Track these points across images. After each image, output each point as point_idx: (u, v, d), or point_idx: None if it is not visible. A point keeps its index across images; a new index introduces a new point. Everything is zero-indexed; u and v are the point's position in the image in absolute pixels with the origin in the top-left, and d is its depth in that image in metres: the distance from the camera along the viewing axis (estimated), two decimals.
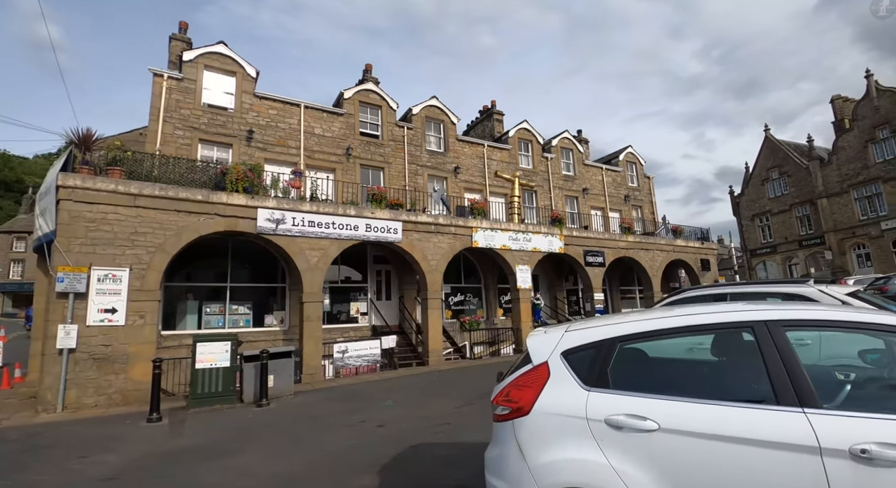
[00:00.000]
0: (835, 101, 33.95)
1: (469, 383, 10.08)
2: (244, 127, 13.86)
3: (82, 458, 5.78)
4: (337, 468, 4.99)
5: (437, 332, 13.62)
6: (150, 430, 7.22)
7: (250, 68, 14.12)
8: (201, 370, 8.82)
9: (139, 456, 5.80)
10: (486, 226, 14.87)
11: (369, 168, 15.97)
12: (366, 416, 7.41)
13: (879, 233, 28.95)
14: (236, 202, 10.98)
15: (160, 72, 12.82)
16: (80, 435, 6.95)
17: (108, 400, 9.25)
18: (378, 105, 16.47)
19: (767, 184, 36.80)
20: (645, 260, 18.81)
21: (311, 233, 11.88)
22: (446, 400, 8.30)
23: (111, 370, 9.36)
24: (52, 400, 8.79)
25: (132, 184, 9.96)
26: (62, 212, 9.32)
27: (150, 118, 12.48)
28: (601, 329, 2.82)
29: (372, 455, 5.34)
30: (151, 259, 10.02)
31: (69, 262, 9.18)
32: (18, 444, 6.53)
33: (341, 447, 5.79)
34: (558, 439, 2.56)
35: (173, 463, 5.41)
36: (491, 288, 17.46)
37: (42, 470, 5.31)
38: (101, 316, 9.41)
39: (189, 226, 10.50)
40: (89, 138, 10.08)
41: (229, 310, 12.97)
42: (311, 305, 11.78)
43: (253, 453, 5.68)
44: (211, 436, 6.64)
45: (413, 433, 6.20)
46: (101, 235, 9.61)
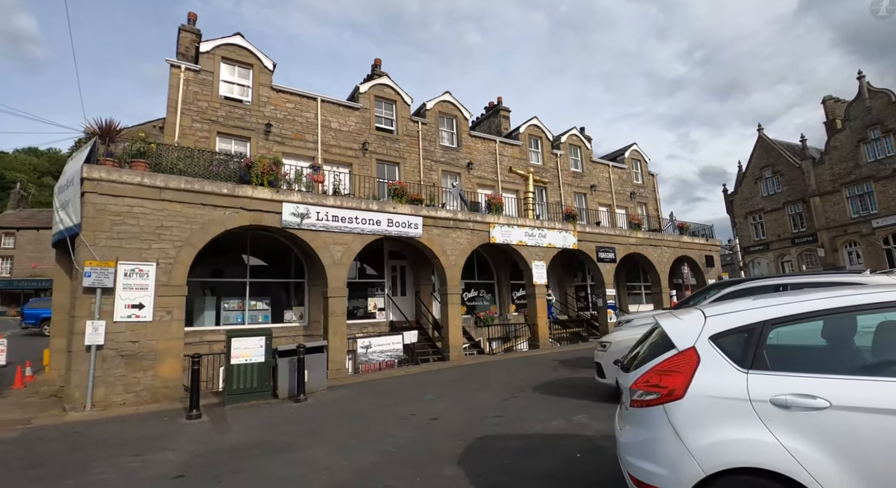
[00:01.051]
0: (826, 102, 34.72)
1: (499, 377, 10.08)
2: (262, 120, 13.64)
3: (138, 456, 5.64)
4: (413, 459, 4.95)
5: (458, 328, 13.60)
6: (194, 427, 7.08)
7: (267, 60, 13.89)
8: (236, 365, 8.68)
9: (198, 452, 5.68)
10: (502, 221, 14.88)
11: (385, 163, 15.86)
12: (412, 410, 7.36)
13: (870, 230, 29.75)
14: (262, 196, 10.82)
15: (177, 63, 12.54)
16: (123, 434, 6.78)
17: (137, 398, 9.05)
18: (393, 100, 16.35)
19: (761, 183, 37.53)
20: (653, 256, 19.05)
21: (334, 227, 11.76)
22: (485, 394, 8.29)
23: (139, 367, 9.16)
24: (80, 399, 8.57)
25: (158, 177, 9.74)
26: (87, 206, 9.07)
27: (167, 110, 12.20)
28: (750, 312, 2.86)
29: (440, 446, 5.32)
30: (178, 253, 9.82)
31: (96, 257, 8.94)
32: (62, 443, 6.35)
33: (404, 439, 5.75)
34: (719, 421, 2.60)
35: (239, 459, 5.31)
36: (504, 284, 17.50)
37: (103, 470, 5.16)
38: (129, 311, 9.20)
39: (215, 220, 10.31)
40: (112, 129, 9.82)
41: (248, 305, 12.78)
42: (335, 300, 11.67)
43: (317, 447, 5.61)
44: (263, 432, 6.54)
45: (470, 425, 6.19)
46: (127, 229, 9.38)
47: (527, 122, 19.97)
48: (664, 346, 3.00)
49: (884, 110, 29.28)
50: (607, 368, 6.92)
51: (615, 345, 6.88)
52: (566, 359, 12.00)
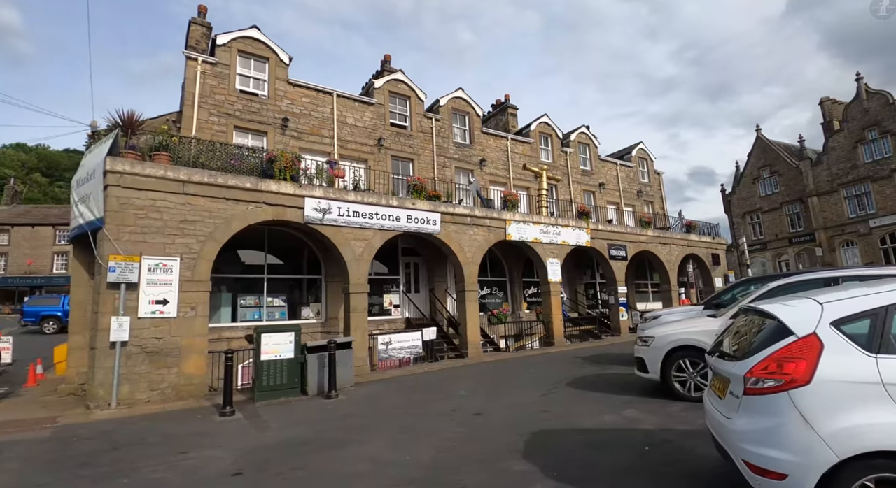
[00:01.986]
0: (823, 103, 35.18)
1: (526, 374, 10.03)
2: (278, 114, 13.46)
3: (184, 454, 5.50)
4: (475, 454, 4.87)
5: (475, 325, 13.55)
6: (231, 424, 6.94)
7: (283, 54, 13.71)
8: (266, 362, 8.54)
9: (247, 449, 5.55)
10: (518, 218, 14.85)
11: (399, 159, 15.75)
12: (450, 406, 7.28)
13: (868, 230, 30.20)
14: (284, 190, 10.66)
15: (194, 55, 12.32)
16: (160, 432, 6.62)
17: (161, 396, 8.86)
18: (407, 95, 16.24)
19: (758, 183, 37.95)
20: (663, 254, 19.15)
21: (355, 223, 11.63)
22: (520, 391, 8.23)
23: (163, 364, 8.97)
24: (105, 397, 8.37)
25: (181, 171, 9.55)
26: (110, 199, 8.86)
27: (184, 103, 11.98)
28: (871, 298, 2.85)
29: (497, 441, 5.25)
30: (202, 248, 9.64)
31: (119, 251, 8.74)
32: (101, 442, 6.18)
33: (456, 435, 5.67)
34: (851, 406, 2.61)
35: (294, 456, 5.19)
36: (516, 281, 17.48)
37: (154, 468, 5.02)
38: (153, 307, 9.01)
39: (237, 215, 10.14)
40: (135, 121, 9.62)
41: (265, 302, 12.60)
42: (357, 297, 11.55)
43: (370, 443, 5.50)
44: (307, 429, 6.42)
45: (519, 421, 6.12)
46: (151, 223, 9.18)
47: (537, 119, 19.97)
48: (777, 334, 2.97)
49: (881, 111, 29.74)
50: (650, 363, 6.89)
51: (659, 340, 6.85)
52: (588, 356, 11.99)
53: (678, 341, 6.67)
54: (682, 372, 6.65)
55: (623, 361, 10.85)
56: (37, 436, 6.62)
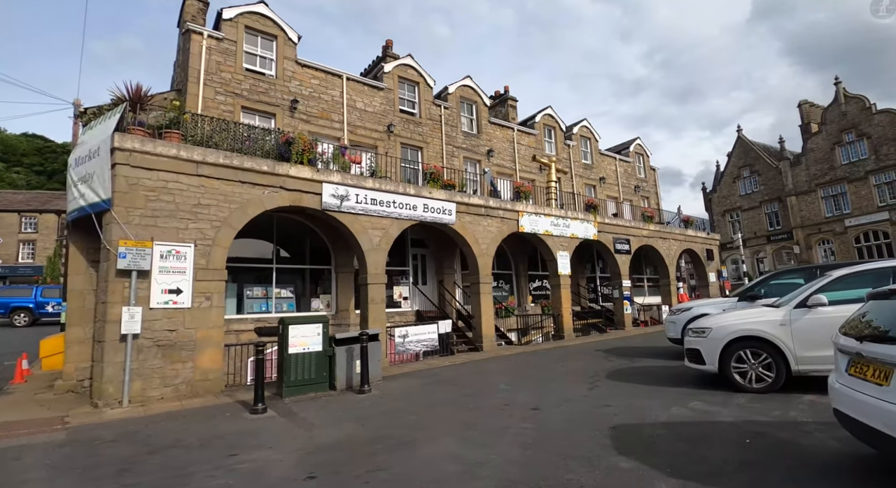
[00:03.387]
0: (802, 106, 36.38)
1: (555, 367, 9.82)
2: (287, 96, 12.73)
3: (234, 457, 4.99)
4: (566, 451, 4.55)
5: (490, 318, 13.26)
6: (269, 423, 6.42)
7: (292, 32, 12.97)
8: (294, 355, 8.01)
9: (303, 451, 5.09)
10: (531, 210, 14.62)
11: (408, 147, 15.24)
12: (499, 400, 6.96)
13: (843, 229, 31.46)
14: (302, 175, 10.06)
15: (199, 29, 11.48)
16: (194, 432, 6.05)
17: (175, 392, 8.21)
18: (416, 81, 15.71)
19: (739, 182, 39.04)
20: (662, 248, 19.32)
21: (373, 211, 11.13)
22: (560, 384, 7.98)
23: (177, 358, 8.32)
24: (115, 394, 7.68)
25: (195, 151, 8.84)
26: (119, 179, 8.11)
27: (188, 80, 11.14)
28: None
29: (579, 437, 4.96)
30: (217, 234, 8.98)
31: (130, 236, 8.02)
32: (131, 445, 5.57)
33: (526, 431, 5.34)
34: None
35: (365, 456, 4.76)
36: (522, 274, 17.28)
37: (210, 473, 4.51)
38: (166, 297, 8.32)
39: (253, 200, 9.51)
40: (142, 95, 8.84)
41: (273, 293, 11.96)
42: (375, 287, 11.06)
43: (439, 441, 5.12)
44: (357, 426, 5.97)
45: (584, 415, 5.85)
46: (163, 206, 8.47)
47: (541, 111, 19.77)
48: None
49: (858, 115, 30.94)
50: (707, 354, 6.75)
51: (717, 331, 6.71)
52: (607, 349, 11.88)
53: (740, 332, 6.53)
54: (742, 364, 6.52)
55: (647, 353, 10.79)
56: (51, 439, 5.94)
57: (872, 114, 30.23)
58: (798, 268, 9.66)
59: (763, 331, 6.39)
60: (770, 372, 6.35)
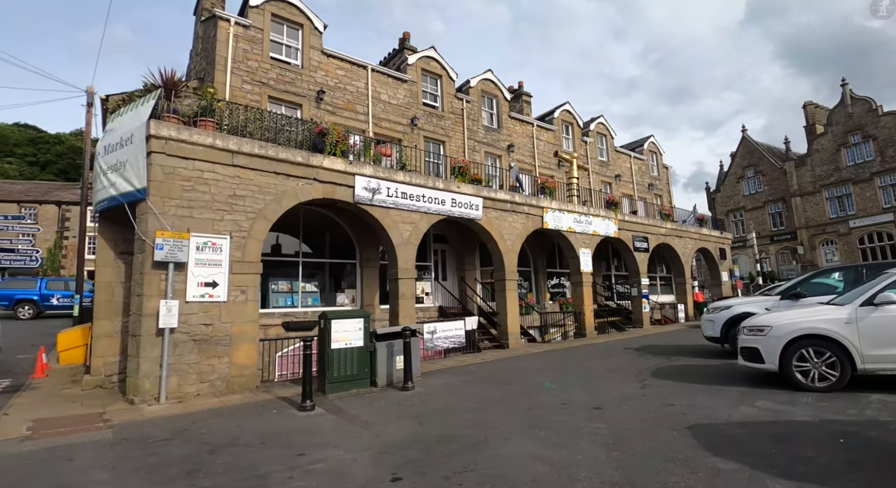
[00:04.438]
0: (807, 107, 36.55)
1: (592, 366, 9.68)
2: (313, 86, 12.45)
3: (302, 456, 4.80)
4: (653, 452, 4.39)
5: (515, 315, 13.12)
6: (320, 420, 6.23)
7: (318, 21, 12.68)
8: (336, 350, 7.81)
9: (374, 449, 4.89)
10: (555, 206, 14.47)
11: (431, 140, 15.02)
12: (555, 399, 6.79)
13: (847, 230, 31.69)
14: (335, 167, 9.83)
15: (226, 16, 11.16)
16: (248, 430, 5.84)
17: (211, 388, 7.99)
18: (438, 74, 15.48)
19: (743, 182, 39.21)
20: (678, 246, 19.28)
21: (403, 205, 10.92)
22: (610, 382, 7.82)
23: (213, 353, 8.09)
24: (151, 390, 7.45)
25: (231, 140, 8.58)
26: (154, 168, 7.84)
27: (216, 68, 10.84)
28: None
29: (657, 437, 4.79)
30: (252, 226, 8.74)
31: (166, 227, 7.76)
32: (186, 444, 5.35)
33: (600, 430, 5.17)
34: None
35: (441, 456, 4.57)
36: (540, 271, 17.14)
37: (287, 475, 4.30)
38: (202, 290, 8.08)
39: (288, 191, 9.27)
40: (177, 82, 8.56)
41: (299, 287, 11.72)
42: (405, 282, 10.88)
43: (513, 440, 4.94)
44: (417, 424, 5.78)
45: (652, 414, 5.70)
46: (198, 197, 8.22)
47: (559, 107, 19.62)
48: None
49: (864, 117, 31.12)
50: (768, 353, 6.63)
51: (778, 330, 6.59)
52: (639, 347, 11.78)
53: (802, 330, 6.42)
54: (804, 362, 6.41)
55: (681, 352, 10.67)
56: (98, 437, 5.70)
57: (879, 116, 30.41)
58: (837, 267, 9.59)
59: (827, 330, 6.28)
60: (833, 371, 6.25)
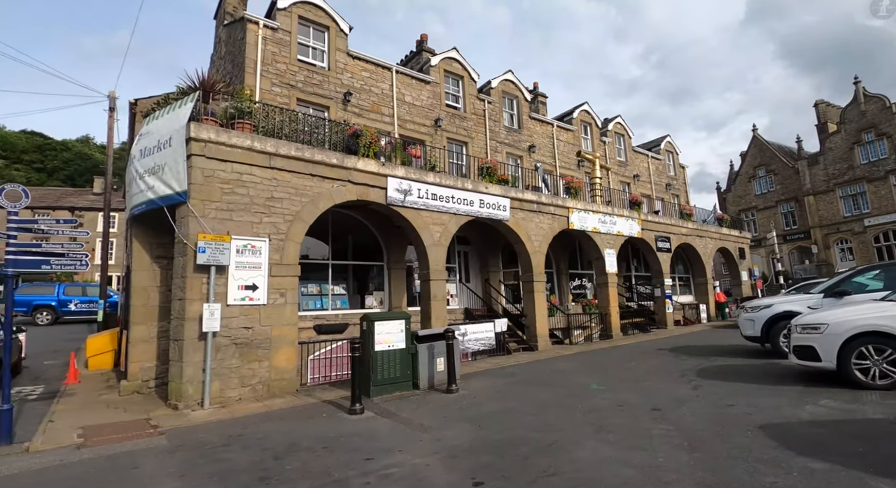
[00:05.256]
0: (818, 106, 36.35)
1: (631, 367, 9.55)
2: (339, 88, 12.43)
3: (370, 460, 4.72)
4: (734, 453, 4.27)
5: (544, 316, 13.02)
6: (375, 423, 6.14)
7: (343, 23, 12.66)
8: (380, 352, 7.72)
9: (441, 453, 4.80)
10: (580, 207, 14.38)
11: (454, 142, 14.97)
12: (608, 400, 6.67)
13: (862, 229, 31.42)
14: (369, 169, 9.77)
15: (255, 18, 11.14)
16: (304, 434, 5.75)
17: (253, 393, 7.91)
18: (460, 75, 15.44)
19: (754, 182, 38.99)
20: (699, 246, 19.14)
21: (433, 206, 10.85)
22: (657, 383, 7.69)
23: (254, 357, 8.01)
24: (195, 395, 7.37)
25: (268, 142, 8.54)
26: (195, 170, 7.79)
27: (245, 71, 10.81)
28: None
29: (732, 438, 4.68)
30: (289, 228, 8.68)
31: (207, 229, 7.71)
32: (246, 450, 5.26)
33: (668, 432, 5.05)
34: None
35: (517, 460, 4.48)
36: (563, 273, 17.02)
37: (363, 481, 4.22)
38: (242, 293, 8.02)
39: (323, 193, 9.21)
40: (215, 84, 8.52)
41: (329, 290, 11.65)
42: (436, 284, 10.80)
43: (585, 443, 4.83)
44: (476, 427, 5.68)
45: (716, 415, 5.58)
46: (237, 199, 8.16)
47: (578, 107, 19.57)
48: None
49: (878, 115, 30.92)
50: (824, 351, 6.51)
51: (835, 327, 6.47)
52: (672, 348, 11.65)
53: (862, 327, 6.30)
54: (864, 360, 6.30)
55: (718, 352, 10.53)
56: (154, 444, 5.63)
57: (893, 113, 30.21)
58: (878, 266, 9.46)
59: (889, 327, 6.16)
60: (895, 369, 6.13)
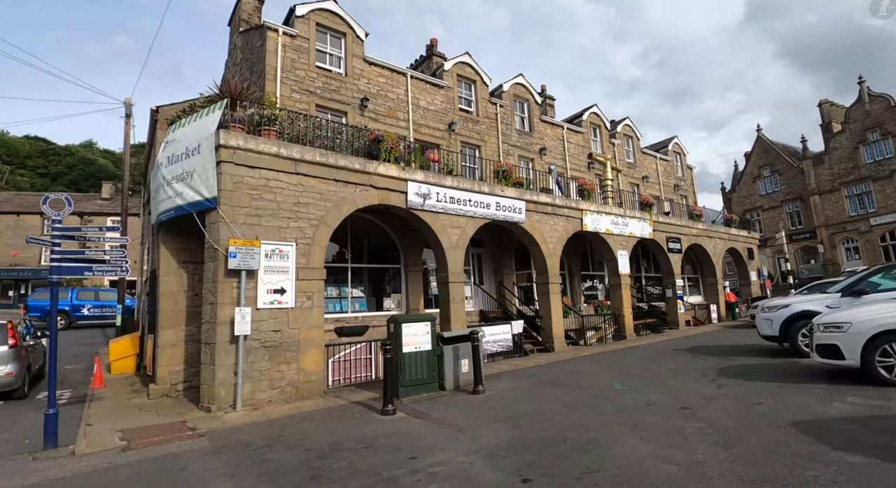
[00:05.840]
0: (822, 105, 36.47)
1: (651, 367, 9.67)
2: (357, 94, 12.59)
3: (414, 459, 4.85)
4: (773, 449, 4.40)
5: (559, 318, 13.14)
6: (409, 424, 6.27)
7: (359, 29, 12.83)
8: (408, 354, 7.85)
9: (483, 452, 4.93)
10: (593, 209, 14.51)
11: (467, 145, 15.13)
12: (635, 400, 6.78)
13: (868, 228, 31.49)
14: (390, 173, 9.93)
15: (274, 26, 11.32)
16: (343, 435, 5.88)
17: (282, 395, 8.05)
18: (472, 79, 15.61)
19: (759, 182, 39.11)
20: (709, 247, 19.27)
21: (451, 209, 11.00)
22: (681, 383, 7.79)
23: (282, 359, 8.15)
24: (227, 398, 7.52)
25: (294, 148, 8.70)
26: (224, 177, 7.95)
27: (265, 78, 10.98)
28: None
29: (765, 435, 4.78)
30: (315, 233, 8.83)
31: (237, 234, 7.86)
32: (294, 451, 5.37)
33: (701, 430, 5.17)
34: None
35: (558, 458, 4.61)
36: (575, 274, 17.15)
37: (411, 477, 4.36)
38: (271, 297, 8.17)
39: (347, 198, 9.36)
40: (243, 92, 8.69)
41: (345, 293, 11.79)
42: (455, 286, 10.93)
43: (621, 442, 4.94)
44: (511, 427, 5.80)
45: (746, 413, 5.69)
46: (265, 205, 8.32)
47: (587, 109, 19.72)
48: None
49: (883, 114, 31.03)
50: (848, 349, 6.64)
51: (858, 326, 6.59)
52: (688, 348, 11.76)
53: (885, 325, 6.43)
54: (887, 358, 6.42)
55: (734, 352, 10.64)
56: (197, 446, 5.76)
57: None
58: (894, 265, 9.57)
59: None
60: None
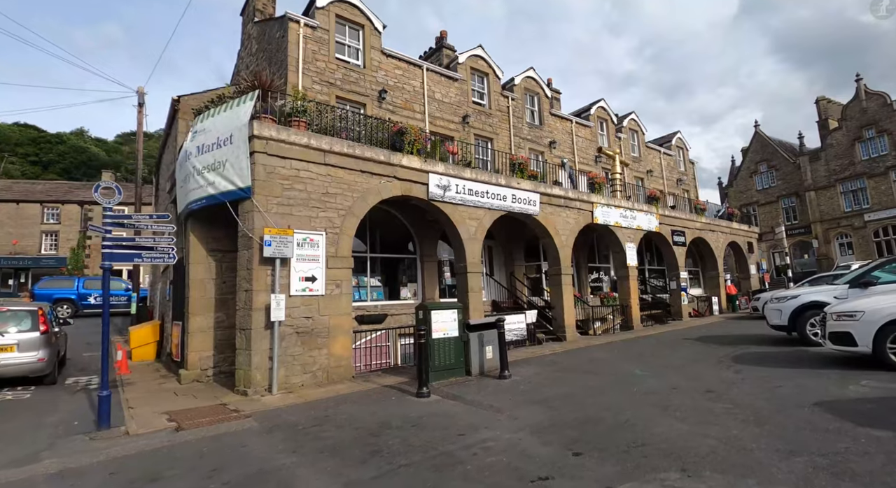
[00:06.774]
0: (819, 102, 36.94)
1: (665, 354, 10.01)
2: (375, 86, 12.73)
3: (462, 436, 5.14)
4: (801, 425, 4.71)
5: (571, 308, 13.46)
6: (445, 405, 6.56)
7: (377, 21, 12.93)
8: (437, 340, 8.12)
9: (526, 430, 5.22)
10: (603, 202, 14.81)
11: (480, 138, 15.32)
12: (660, 385, 7.09)
13: (862, 224, 32.15)
14: (413, 165, 10.13)
15: (296, 17, 11.39)
16: (387, 416, 6.14)
17: (314, 379, 8.31)
18: (485, 73, 15.77)
19: (756, 177, 39.64)
20: (712, 240, 19.68)
21: (470, 201, 11.23)
22: (699, 369, 8.10)
23: (314, 345, 8.40)
24: (263, 382, 7.75)
25: (323, 139, 8.87)
26: (258, 167, 8.12)
27: (287, 69, 11.08)
28: None
29: (794, 415, 5.06)
30: (343, 222, 9.03)
31: (271, 223, 8.05)
32: (344, 430, 5.62)
33: (735, 411, 5.44)
34: None
35: (599, 435, 4.91)
36: (582, 266, 17.47)
37: (467, 450, 4.65)
38: (303, 284, 8.39)
39: (372, 189, 9.56)
40: (273, 83, 8.81)
41: (364, 282, 12.02)
42: (473, 276, 11.19)
43: (656, 421, 5.23)
44: (548, 410, 6.09)
45: (769, 394, 6.03)
46: (296, 195, 8.51)
47: (595, 103, 19.96)
48: None
49: (879, 111, 31.56)
50: (861, 337, 6.99)
51: (871, 314, 6.95)
52: (697, 338, 12.14)
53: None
54: None
55: (743, 341, 11.02)
56: (247, 426, 6.01)
57: (894, 110, 30.85)
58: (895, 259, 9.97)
59: None
60: None
